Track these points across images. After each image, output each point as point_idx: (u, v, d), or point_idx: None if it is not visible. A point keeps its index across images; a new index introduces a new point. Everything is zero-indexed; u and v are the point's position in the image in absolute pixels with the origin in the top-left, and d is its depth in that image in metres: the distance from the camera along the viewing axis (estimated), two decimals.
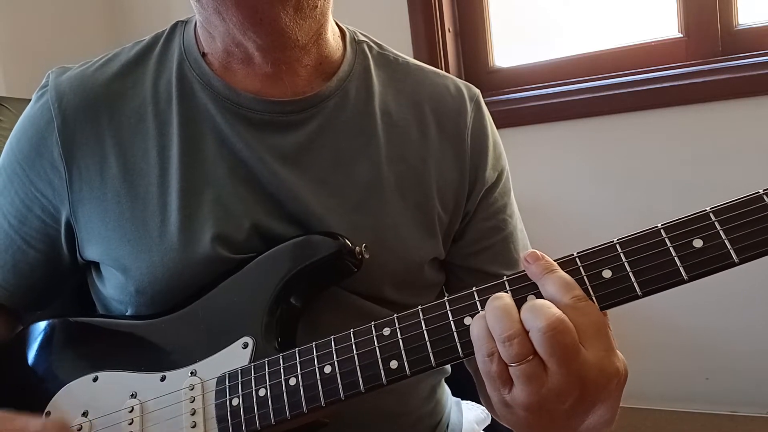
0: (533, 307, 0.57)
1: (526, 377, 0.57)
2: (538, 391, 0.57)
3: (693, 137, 1.83)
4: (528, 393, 0.57)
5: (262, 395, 0.69)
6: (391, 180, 0.84)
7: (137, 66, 0.85)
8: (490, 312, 0.59)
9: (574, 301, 0.58)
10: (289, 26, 0.76)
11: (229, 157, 0.81)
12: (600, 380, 0.57)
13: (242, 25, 0.76)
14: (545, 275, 0.60)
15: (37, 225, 0.84)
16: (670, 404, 1.96)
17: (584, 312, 0.57)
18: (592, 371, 0.56)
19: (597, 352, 0.57)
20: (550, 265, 0.60)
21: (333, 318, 0.78)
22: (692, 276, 0.57)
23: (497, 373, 0.58)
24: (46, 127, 0.82)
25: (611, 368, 0.57)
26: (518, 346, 0.56)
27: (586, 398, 0.58)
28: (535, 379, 0.56)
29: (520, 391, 0.57)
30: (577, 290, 0.58)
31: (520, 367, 0.56)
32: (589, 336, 0.57)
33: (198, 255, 0.77)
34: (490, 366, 0.58)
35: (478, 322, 0.60)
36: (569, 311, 0.57)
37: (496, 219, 0.91)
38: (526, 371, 0.56)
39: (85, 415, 0.76)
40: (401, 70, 0.91)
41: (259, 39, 0.77)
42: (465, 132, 0.89)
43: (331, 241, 0.76)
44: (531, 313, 0.57)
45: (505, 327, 0.57)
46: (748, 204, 0.56)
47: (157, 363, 0.76)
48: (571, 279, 0.59)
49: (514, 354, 0.56)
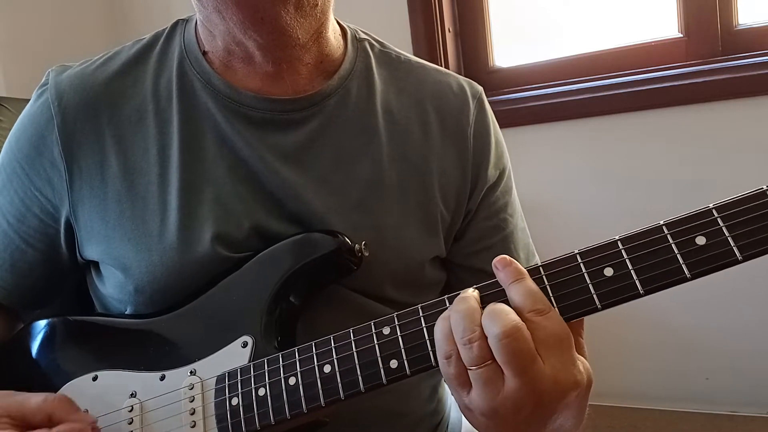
0: (492, 312, 0.57)
1: (483, 382, 0.57)
2: (494, 398, 0.57)
3: (693, 137, 1.83)
4: (484, 398, 0.57)
5: (261, 395, 0.68)
6: (392, 178, 0.84)
7: (138, 64, 0.85)
8: (453, 313, 0.59)
9: (535, 312, 0.58)
10: (290, 24, 0.76)
11: (230, 156, 0.80)
12: (555, 393, 0.57)
13: (242, 24, 0.75)
14: (512, 283, 0.60)
15: (36, 224, 0.84)
16: (670, 404, 1.96)
17: (544, 324, 0.57)
18: (547, 383, 0.56)
19: (554, 364, 0.56)
20: (518, 273, 0.60)
21: (334, 317, 0.78)
22: (695, 274, 0.56)
23: (455, 375, 0.58)
24: (46, 126, 0.81)
25: (568, 381, 0.57)
26: (477, 350, 0.56)
27: (542, 409, 0.58)
28: (491, 385, 0.57)
29: (477, 395, 0.58)
30: (540, 302, 0.58)
31: (478, 371, 0.57)
32: (548, 348, 0.56)
33: (197, 254, 0.77)
34: (448, 368, 0.59)
35: (441, 323, 0.60)
36: (529, 322, 0.57)
37: (497, 218, 0.90)
38: (483, 376, 0.57)
39: None
40: (403, 68, 0.91)
41: (260, 38, 0.77)
42: (467, 130, 0.88)
43: (331, 239, 0.76)
44: (489, 318, 0.57)
45: (466, 329, 0.57)
46: (752, 200, 0.55)
47: (156, 362, 0.76)
48: (538, 289, 0.59)
49: (473, 357, 0.57)
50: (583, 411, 0.63)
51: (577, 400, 0.60)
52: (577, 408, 0.61)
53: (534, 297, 0.58)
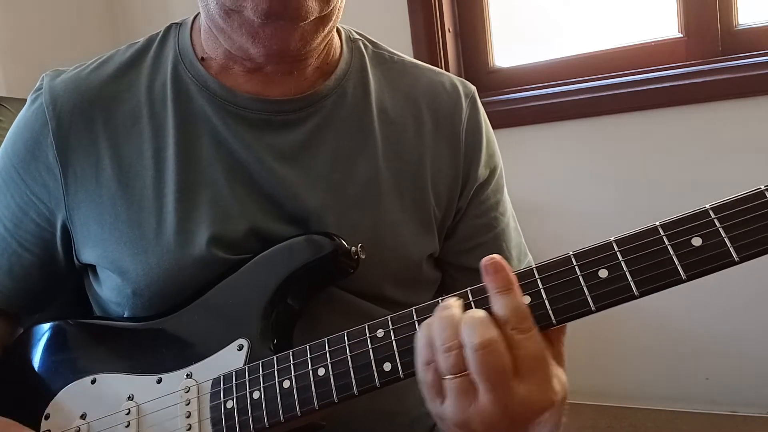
0: (472, 321, 0.56)
1: (457, 392, 0.56)
2: (466, 410, 0.56)
3: (693, 137, 1.82)
4: (456, 409, 0.57)
5: (256, 398, 0.68)
6: (388, 177, 0.84)
7: (132, 68, 0.85)
8: (435, 321, 0.59)
9: (518, 331, 0.56)
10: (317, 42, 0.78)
11: (227, 158, 0.81)
12: (528, 413, 0.57)
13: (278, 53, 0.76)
14: (499, 293, 0.58)
15: (32, 229, 0.84)
16: (670, 404, 1.96)
17: (525, 344, 0.56)
18: (520, 404, 0.55)
19: (530, 386, 0.56)
20: (507, 283, 0.58)
21: (332, 318, 0.78)
22: (691, 275, 0.55)
23: (431, 383, 0.58)
24: (41, 130, 0.81)
25: (543, 402, 0.57)
26: (454, 359, 0.56)
27: (514, 427, 0.57)
28: (465, 396, 0.56)
29: (449, 406, 0.57)
30: (525, 320, 0.57)
31: (453, 380, 0.56)
32: (526, 368, 0.56)
33: (194, 256, 0.77)
34: (426, 375, 0.58)
35: (423, 329, 0.60)
36: (511, 339, 0.56)
37: (488, 216, 0.91)
38: (458, 386, 0.56)
39: (83, 417, 0.77)
40: (396, 68, 0.91)
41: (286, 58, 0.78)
42: (460, 128, 0.89)
43: (327, 242, 0.76)
44: (468, 327, 0.56)
45: (446, 337, 0.57)
46: (749, 201, 0.54)
47: (153, 365, 0.76)
48: (525, 305, 0.58)
49: (450, 366, 0.56)
50: (559, 425, 0.63)
51: (552, 418, 0.60)
52: (552, 424, 0.61)
53: (519, 314, 0.57)
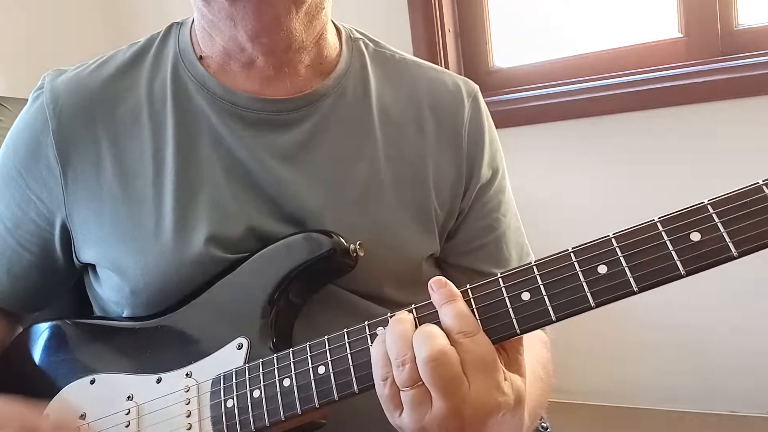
0: (422, 335, 0.59)
1: (412, 403, 0.58)
2: (422, 419, 0.58)
3: (693, 137, 1.82)
4: (413, 419, 0.59)
5: (256, 396, 0.68)
6: (388, 177, 0.84)
7: (132, 68, 0.85)
8: (389, 335, 0.61)
9: (463, 335, 0.59)
10: (297, 29, 0.77)
11: (226, 158, 0.81)
12: (478, 415, 0.58)
13: (256, 32, 0.75)
14: (444, 304, 0.61)
15: (32, 228, 0.84)
16: (670, 404, 1.96)
17: (471, 347, 0.59)
18: (470, 407, 0.58)
19: (478, 388, 0.58)
20: (450, 294, 0.61)
21: (332, 318, 0.78)
22: (690, 270, 0.55)
23: (389, 396, 0.60)
24: (42, 130, 0.82)
25: (490, 404, 0.58)
26: (408, 372, 0.58)
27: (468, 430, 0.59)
28: (420, 406, 0.58)
29: (406, 416, 0.59)
30: (468, 324, 0.60)
31: (409, 392, 0.58)
32: (473, 370, 0.58)
33: (193, 255, 0.77)
34: (384, 389, 0.60)
35: (377, 345, 0.62)
36: (457, 344, 0.58)
37: (490, 218, 0.90)
38: (413, 397, 0.58)
39: (83, 417, 0.77)
40: (398, 67, 0.91)
41: (269, 44, 0.77)
42: (462, 128, 0.88)
43: (326, 240, 0.76)
44: (418, 341, 0.59)
45: (399, 352, 0.59)
46: (748, 195, 0.54)
47: (153, 365, 0.76)
48: (468, 311, 0.60)
49: (405, 379, 0.58)
50: (521, 427, 0.64)
51: (513, 420, 0.61)
52: (512, 427, 0.62)
53: (463, 319, 0.60)
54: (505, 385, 0.60)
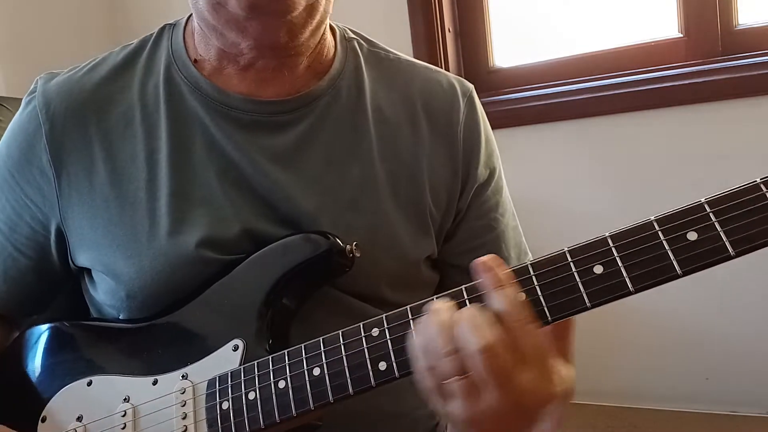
0: (469, 325, 0.56)
1: (462, 394, 0.56)
2: (474, 408, 0.56)
3: (693, 137, 1.82)
4: (464, 409, 0.57)
5: (251, 398, 0.68)
6: (383, 178, 0.83)
7: (125, 70, 0.85)
8: (429, 327, 0.59)
9: (517, 323, 0.56)
10: (306, 37, 0.77)
11: (219, 160, 0.80)
12: (534, 404, 0.57)
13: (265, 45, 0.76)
14: (495, 290, 0.58)
15: (27, 232, 0.84)
16: (670, 404, 1.96)
17: (525, 335, 0.56)
18: (526, 396, 0.56)
19: (532, 378, 0.56)
20: (501, 279, 0.58)
21: (329, 320, 0.77)
22: (687, 270, 0.54)
23: (434, 387, 0.58)
24: (35, 134, 0.81)
25: (545, 393, 0.57)
26: (454, 363, 0.56)
27: (522, 418, 0.58)
28: (470, 397, 0.56)
29: (456, 407, 0.57)
30: (522, 312, 0.57)
31: (458, 383, 0.56)
32: (527, 360, 0.56)
33: (187, 258, 0.77)
34: (426, 381, 0.59)
35: (417, 337, 0.60)
36: (511, 332, 0.56)
37: (488, 218, 0.90)
38: (462, 388, 0.56)
39: (79, 420, 0.77)
40: (392, 67, 0.91)
41: (277, 51, 0.78)
42: (457, 128, 0.88)
43: (322, 240, 0.75)
44: (466, 331, 0.56)
45: (442, 343, 0.57)
46: (745, 194, 0.53)
47: (149, 367, 0.76)
48: (522, 297, 0.58)
49: (450, 370, 0.56)
50: (562, 418, 0.63)
51: (557, 410, 0.60)
52: (556, 416, 0.61)
53: (517, 306, 0.57)
54: (556, 375, 0.58)
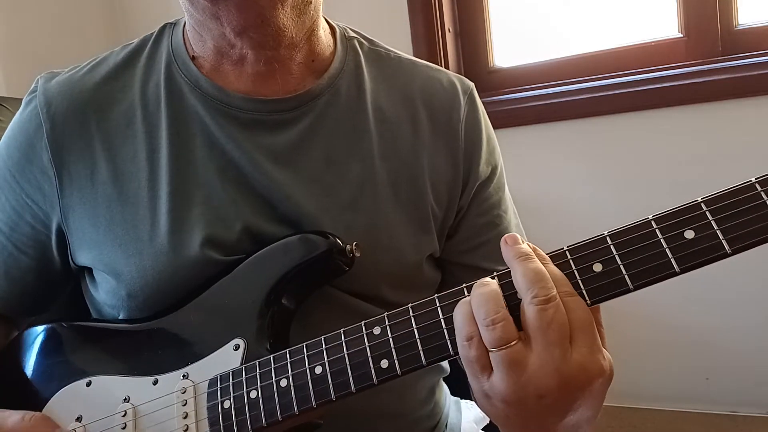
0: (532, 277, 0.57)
1: (506, 363, 0.56)
2: (518, 380, 0.56)
3: (693, 137, 1.82)
4: (507, 382, 0.56)
5: (253, 397, 0.68)
6: (384, 177, 0.83)
7: (125, 69, 0.85)
8: (475, 297, 0.58)
9: (563, 294, 0.56)
10: (286, 25, 0.76)
11: (220, 159, 0.80)
12: (581, 378, 0.56)
13: (242, 27, 0.75)
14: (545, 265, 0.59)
15: (28, 231, 0.84)
16: (670, 404, 1.96)
17: (571, 307, 0.56)
18: (573, 368, 0.55)
19: (582, 350, 0.56)
20: (543, 257, 0.59)
21: (331, 319, 0.78)
22: (684, 268, 0.56)
23: (476, 357, 0.57)
24: (35, 133, 0.81)
25: (595, 367, 0.56)
26: (501, 330, 0.56)
27: (566, 396, 0.56)
28: (515, 366, 0.55)
29: (499, 380, 0.56)
30: (568, 285, 0.57)
31: (501, 352, 0.56)
32: (577, 331, 0.56)
33: (188, 258, 0.76)
34: (469, 350, 0.58)
35: (462, 307, 0.59)
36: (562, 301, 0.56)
37: (491, 215, 0.90)
38: (507, 356, 0.55)
39: (79, 420, 0.76)
40: (393, 65, 0.91)
41: (257, 38, 0.77)
42: (458, 126, 0.88)
43: (322, 240, 0.75)
44: (528, 282, 0.56)
45: (490, 310, 0.56)
46: (740, 193, 0.55)
47: (149, 366, 0.76)
48: (562, 274, 0.58)
49: (497, 338, 0.56)
50: (601, 402, 0.62)
51: (600, 390, 0.58)
52: (598, 399, 0.60)
53: (563, 279, 0.58)
54: (604, 351, 0.58)
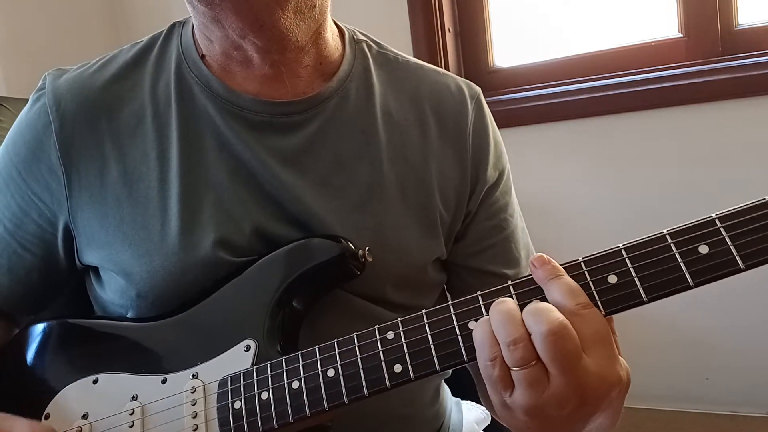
0: (536, 311, 0.57)
1: (528, 382, 0.57)
2: (539, 396, 0.57)
3: (693, 137, 1.83)
4: (529, 397, 0.57)
5: (264, 398, 0.68)
6: (392, 180, 0.83)
7: (135, 68, 0.84)
8: (494, 316, 0.59)
9: (579, 307, 0.58)
10: (289, 29, 0.76)
11: (230, 160, 0.80)
12: (601, 388, 0.57)
13: (242, 31, 0.75)
14: (551, 280, 0.60)
15: (34, 229, 0.83)
16: (670, 404, 1.96)
17: (588, 319, 0.57)
18: (592, 379, 0.56)
19: (599, 360, 0.57)
20: (557, 270, 0.60)
21: (335, 320, 0.78)
22: (698, 282, 0.57)
23: (499, 377, 0.58)
24: (44, 131, 0.81)
25: (613, 377, 0.58)
26: (522, 351, 0.57)
27: (586, 405, 0.58)
28: (537, 384, 0.57)
29: (520, 395, 0.58)
30: (582, 297, 0.59)
31: (523, 371, 0.57)
32: (592, 343, 0.57)
33: (199, 259, 0.76)
34: (492, 370, 0.59)
35: (481, 327, 0.60)
36: (573, 318, 0.57)
37: (498, 218, 0.90)
38: (529, 376, 0.57)
39: (85, 417, 0.76)
40: (401, 69, 0.91)
41: (259, 42, 0.77)
42: (466, 131, 0.88)
43: (334, 245, 0.75)
44: (534, 316, 0.57)
45: (509, 331, 0.57)
46: (754, 210, 0.56)
47: (158, 365, 0.76)
48: (577, 285, 0.59)
49: (518, 358, 0.57)
50: (620, 410, 0.64)
51: (618, 398, 0.60)
52: (616, 407, 0.61)
53: (575, 292, 0.59)
54: (621, 360, 0.59)
